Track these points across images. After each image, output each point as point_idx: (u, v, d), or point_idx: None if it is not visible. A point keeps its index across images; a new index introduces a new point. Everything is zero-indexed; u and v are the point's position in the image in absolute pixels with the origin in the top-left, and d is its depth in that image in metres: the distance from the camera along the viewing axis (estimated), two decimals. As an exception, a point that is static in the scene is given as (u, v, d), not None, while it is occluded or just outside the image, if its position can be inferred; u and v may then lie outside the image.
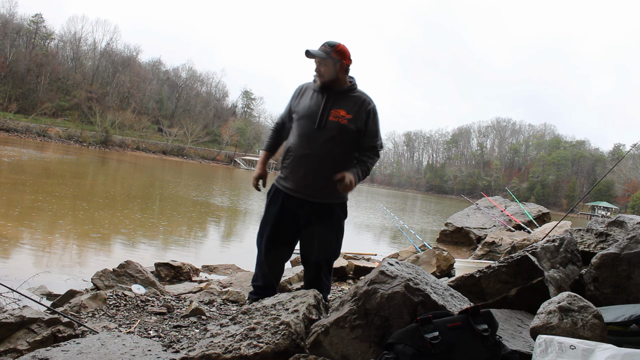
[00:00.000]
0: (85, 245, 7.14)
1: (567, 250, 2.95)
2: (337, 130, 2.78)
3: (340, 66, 2.81)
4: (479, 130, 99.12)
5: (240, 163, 70.00)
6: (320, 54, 2.79)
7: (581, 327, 1.79)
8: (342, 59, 2.81)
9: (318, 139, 2.80)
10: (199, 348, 2.05)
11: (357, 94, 2.87)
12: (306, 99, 2.92)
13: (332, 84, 2.84)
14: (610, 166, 38.81)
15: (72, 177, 18.17)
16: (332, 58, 2.79)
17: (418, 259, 5.66)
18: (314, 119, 2.82)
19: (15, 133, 47.72)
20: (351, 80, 2.91)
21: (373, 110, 2.86)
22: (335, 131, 2.78)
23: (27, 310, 2.56)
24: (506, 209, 9.23)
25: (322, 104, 2.84)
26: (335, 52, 2.80)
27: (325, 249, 2.89)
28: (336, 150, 2.80)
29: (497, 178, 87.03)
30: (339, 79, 2.84)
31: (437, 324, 1.76)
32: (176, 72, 77.69)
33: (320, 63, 2.82)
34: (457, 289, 2.55)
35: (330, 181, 2.74)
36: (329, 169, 2.77)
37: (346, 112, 2.80)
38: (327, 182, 2.76)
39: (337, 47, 2.81)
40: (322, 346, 1.97)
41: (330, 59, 2.79)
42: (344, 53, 2.82)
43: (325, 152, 2.79)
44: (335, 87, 2.84)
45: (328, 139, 2.79)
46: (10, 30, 58.56)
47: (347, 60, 2.84)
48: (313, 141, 2.81)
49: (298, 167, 2.87)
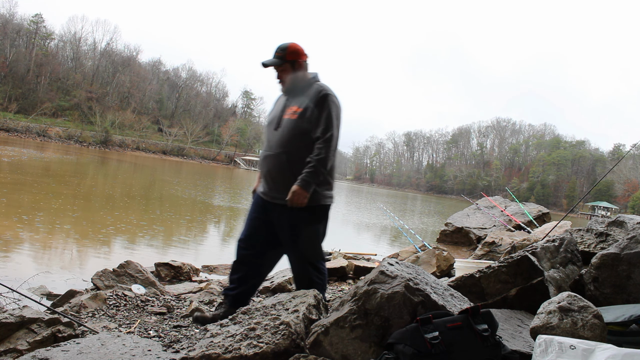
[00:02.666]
0: (85, 245, 7.14)
1: (567, 250, 2.95)
2: (288, 128, 2.74)
3: (298, 66, 2.79)
4: (479, 130, 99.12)
5: (240, 163, 70.01)
6: (276, 62, 2.78)
7: (581, 327, 1.79)
8: (298, 58, 2.79)
9: (275, 140, 2.79)
10: (199, 348, 2.05)
11: (314, 87, 2.78)
12: (275, 106, 2.97)
13: (295, 85, 2.81)
14: (610, 166, 38.79)
15: (72, 177, 18.17)
16: (289, 61, 2.77)
17: (418, 259, 5.66)
18: (273, 122, 2.84)
19: (15, 133, 47.71)
20: (312, 76, 2.86)
21: (322, 98, 2.72)
22: (287, 129, 2.74)
23: (27, 310, 2.56)
24: (506, 209, 9.23)
25: (282, 106, 2.85)
26: (289, 54, 2.77)
27: (297, 249, 2.80)
28: (290, 148, 2.73)
29: (497, 178, 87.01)
30: (298, 78, 2.81)
31: (437, 324, 1.76)
32: (176, 72, 77.76)
33: (279, 70, 2.81)
34: (457, 289, 2.55)
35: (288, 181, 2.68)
36: (285, 168, 2.72)
37: (297, 107, 2.75)
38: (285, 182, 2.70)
39: (290, 48, 2.78)
40: (322, 346, 1.97)
41: (287, 63, 2.78)
42: (298, 52, 2.80)
43: (279, 152, 2.75)
44: (297, 87, 2.82)
45: (281, 138, 2.76)
46: (10, 30, 58.56)
47: (303, 56, 2.81)
48: (272, 143, 2.80)
49: (262, 169, 2.90)
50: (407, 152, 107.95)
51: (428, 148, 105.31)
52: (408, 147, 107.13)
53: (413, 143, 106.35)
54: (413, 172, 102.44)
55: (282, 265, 6.31)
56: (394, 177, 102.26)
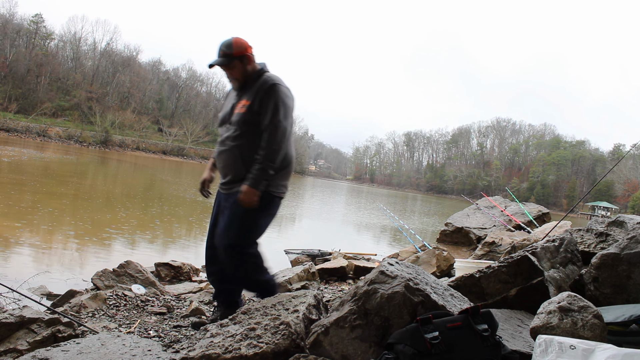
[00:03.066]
0: (85, 245, 7.14)
1: (567, 250, 2.95)
2: (237, 122, 2.69)
3: (247, 60, 2.70)
4: (479, 130, 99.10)
5: (240, 163, 69.99)
6: (224, 61, 2.69)
7: (581, 327, 1.79)
8: (245, 52, 2.69)
9: (227, 135, 2.75)
10: (199, 348, 2.05)
11: (262, 79, 2.71)
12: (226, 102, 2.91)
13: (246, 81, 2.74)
14: (610, 166, 38.80)
15: (72, 177, 18.17)
16: (237, 57, 2.68)
17: (418, 259, 5.66)
18: (225, 117, 2.79)
19: (15, 133, 47.68)
20: (261, 67, 2.77)
21: (269, 88, 2.65)
22: (237, 123, 2.70)
23: (27, 310, 2.56)
24: (506, 209, 9.22)
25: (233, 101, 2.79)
26: (236, 50, 2.67)
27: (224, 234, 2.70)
28: (242, 141, 2.69)
29: (497, 178, 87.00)
30: (249, 73, 2.72)
31: (437, 324, 1.76)
32: (176, 72, 77.73)
33: (228, 69, 2.72)
34: (457, 289, 2.55)
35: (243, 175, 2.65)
36: (239, 162, 2.70)
37: (246, 100, 2.69)
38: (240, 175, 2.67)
39: (234, 44, 2.68)
40: (322, 346, 1.97)
41: (235, 60, 2.68)
42: (243, 46, 2.69)
43: (231, 147, 2.72)
44: (248, 81, 2.74)
45: (232, 133, 2.72)
46: (10, 30, 58.51)
47: (249, 49, 2.71)
48: (225, 139, 2.77)
49: (218, 165, 2.87)
50: (407, 152, 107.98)
51: (428, 148, 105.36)
52: (408, 147, 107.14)
53: (413, 143, 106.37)
54: (413, 172, 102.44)
55: (282, 265, 6.30)
56: (394, 177, 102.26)
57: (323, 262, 6.06)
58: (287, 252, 7.09)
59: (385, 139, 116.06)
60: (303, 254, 6.91)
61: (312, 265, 4.90)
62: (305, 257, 6.76)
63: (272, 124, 2.61)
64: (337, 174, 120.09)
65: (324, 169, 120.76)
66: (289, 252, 7.07)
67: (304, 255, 6.88)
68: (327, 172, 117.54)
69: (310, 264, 5.06)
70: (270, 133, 2.61)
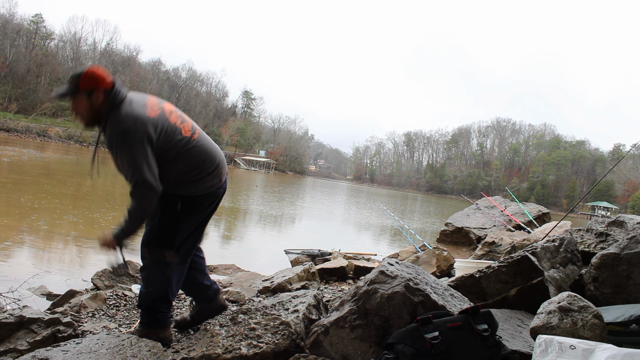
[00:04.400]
0: (85, 245, 7.14)
1: (567, 250, 2.95)
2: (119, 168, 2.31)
3: (96, 96, 2.25)
4: (479, 130, 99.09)
5: (240, 163, 70.04)
6: (66, 92, 2.26)
7: (581, 327, 1.79)
8: (97, 85, 2.25)
9: None
10: (199, 348, 2.05)
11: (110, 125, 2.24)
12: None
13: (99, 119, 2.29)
14: (610, 166, 38.80)
15: (72, 177, 18.17)
16: (83, 90, 2.25)
17: (418, 259, 5.66)
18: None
19: (15, 133, 47.71)
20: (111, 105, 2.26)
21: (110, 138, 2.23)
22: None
23: (27, 310, 2.56)
24: (506, 209, 9.23)
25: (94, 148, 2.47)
26: (83, 81, 2.24)
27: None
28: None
29: (497, 178, 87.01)
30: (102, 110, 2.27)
31: (437, 324, 1.76)
32: (176, 72, 77.77)
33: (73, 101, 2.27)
34: (457, 289, 2.55)
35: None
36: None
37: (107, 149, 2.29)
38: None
39: (85, 75, 2.24)
40: (322, 346, 1.97)
41: (81, 94, 2.25)
42: (96, 78, 2.25)
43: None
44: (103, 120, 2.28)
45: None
46: (10, 30, 58.56)
47: (104, 84, 2.26)
48: None
49: None
50: (407, 152, 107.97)
51: (428, 148, 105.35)
52: (408, 147, 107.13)
53: (413, 143, 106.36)
54: (413, 172, 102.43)
55: (282, 265, 6.30)
56: (394, 177, 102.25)
57: (323, 262, 6.06)
58: (287, 252, 7.10)
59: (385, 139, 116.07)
60: (303, 254, 6.91)
61: (312, 265, 4.90)
62: (305, 257, 6.76)
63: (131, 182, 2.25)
64: (337, 174, 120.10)
65: (324, 169, 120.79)
66: (289, 252, 7.08)
67: (304, 255, 6.88)
68: (327, 172, 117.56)
69: (310, 264, 5.05)
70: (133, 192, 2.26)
